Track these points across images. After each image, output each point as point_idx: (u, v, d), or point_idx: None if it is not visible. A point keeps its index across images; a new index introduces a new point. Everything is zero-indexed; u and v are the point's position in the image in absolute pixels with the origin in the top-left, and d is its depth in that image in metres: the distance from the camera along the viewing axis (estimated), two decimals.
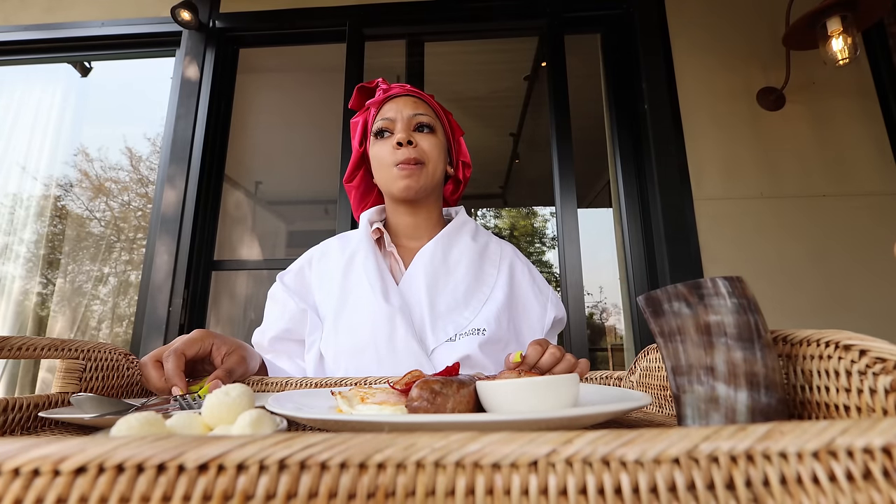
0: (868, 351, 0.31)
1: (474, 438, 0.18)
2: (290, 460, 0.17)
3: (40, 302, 2.71)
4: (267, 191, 3.69)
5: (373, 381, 0.70)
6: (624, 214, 2.07)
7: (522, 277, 1.01)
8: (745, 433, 0.18)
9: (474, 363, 0.84)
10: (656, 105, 1.97)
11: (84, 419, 0.47)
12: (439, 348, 0.86)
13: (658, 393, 0.58)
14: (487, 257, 1.01)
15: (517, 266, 1.02)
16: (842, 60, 1.69)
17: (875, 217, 1.87)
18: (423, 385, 0.42)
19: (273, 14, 2.34)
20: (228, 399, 0.38)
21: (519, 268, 1.02)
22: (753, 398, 0.33)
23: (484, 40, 2.58)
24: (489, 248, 1.03)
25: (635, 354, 1.98)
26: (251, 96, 2.83)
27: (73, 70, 2.67)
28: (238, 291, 2.99)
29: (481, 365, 0.85)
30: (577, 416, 0.36)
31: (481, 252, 1.00)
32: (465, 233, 1.02)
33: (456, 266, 0.96)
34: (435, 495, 0.17)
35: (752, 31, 2.11)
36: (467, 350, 0.84)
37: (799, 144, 1.96)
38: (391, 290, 0.90)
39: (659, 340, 0.40)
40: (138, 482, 0.17)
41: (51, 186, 2.79)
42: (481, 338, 0.86)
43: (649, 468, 0.17)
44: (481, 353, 0.85)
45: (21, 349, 0.53)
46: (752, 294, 0.36)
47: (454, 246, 0.99)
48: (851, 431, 0.18)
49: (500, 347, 0.89)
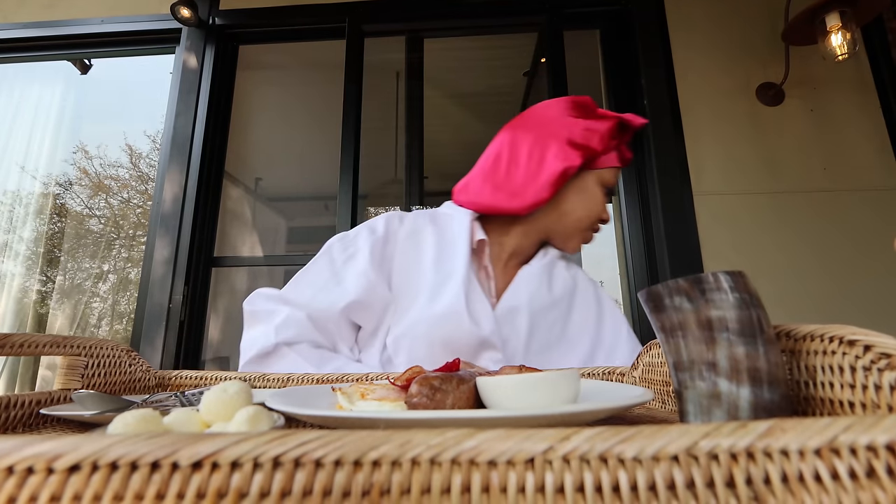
0: (873, 346, 0.30)
1: (470, 435, 0.18)
2: (285, 458, 0.17)
3: (40, 299, 2.72)
4: (267, 187, 3.69)
5: (374, 377, 0.69)
6: (624, 209, 2.07)
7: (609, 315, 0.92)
8: (746, 430, 0.18)
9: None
10: (656, 100, 1.97)
11: (84, 416, 0.47)
12: None
13: (661, 389, 0.58)
14: (579, 290, 0.92)
15: (603, 302, 0.94)
16: (841, 56, 1.69)
17: (875, 212, 1.86)
18: (423, 381, 0.42)
19: (272, 10, 2.33)
20: (226, 396, 0.38)
21: (607, 305, 0.93)
22: (756, 394, 0.33)
23: (483, 36, 2.57)
24: (578, 280, 0.94)
25: None
26: (251, 93, 2.83)
27: (73, 67, 2.66)
28: (238, 288, 2.99)
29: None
30: (577, 413, 0.36)
31: (573, 286, 0.92)
32: (560, 259, 0.95)
33: (560, 300, 0.87)
34: (430, 493, 0.17)
35: (752, 26, 2.10)
36: None
37: (798, 140, 1.96)
38: (482, 312, 0.79)
39: (660, 336, 0.39)
40: (132, 480, 0.17)
41: (50, 184, 2.79)
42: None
43: (648, 466, 0.17)
44: None
45: (23, 346, 0.53)
46: (755, 289, 0.36)
47: (557, 277, 0.90)
48: (855, 428, 0.18)
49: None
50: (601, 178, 0.89)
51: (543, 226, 0.90)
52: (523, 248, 0.91)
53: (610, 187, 0.90)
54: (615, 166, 0.90)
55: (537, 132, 0.87)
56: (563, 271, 0.92)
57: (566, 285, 0.90)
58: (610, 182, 0.90)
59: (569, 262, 0.96)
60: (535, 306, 0.83)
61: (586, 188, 0.89)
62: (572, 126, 0.86)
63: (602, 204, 0.90)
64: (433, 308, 0.78)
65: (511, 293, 0.85)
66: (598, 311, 0.91)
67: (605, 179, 0.89)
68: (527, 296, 0.84)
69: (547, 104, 0.92)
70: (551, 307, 0.85)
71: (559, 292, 0.88)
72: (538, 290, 0.86)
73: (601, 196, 0.90)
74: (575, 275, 0.94)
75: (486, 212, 0.89)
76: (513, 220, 0.90)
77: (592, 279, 0.97)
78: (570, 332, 0.87)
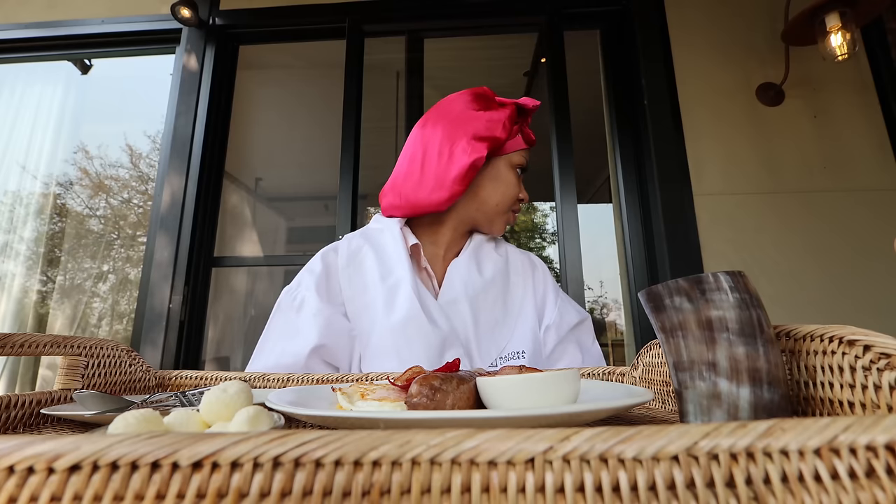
0: (873, 346, 0.30)
1: (470, 435, 0.18)
2: (285, 458, 0.17)
3: (40, 300, 2.72)
4: (267, 187, 3.69)
5: (374, 377, 0.69)
6: (624, 210, 2.07)
7: (546, 286, 0.98)
8: (746, 430, 0.18)
9: None
10: (656, 100, 1.97)
11: (85, 416, 0.47)
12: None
13: (661, 389, 0.58)
14: (511, 265, 0.98)
15: (538, 275, 0.99)
16: (841, 56, 1.69)
17: (875, 212, 1.86)
18: (423, 381, 0.42)
19: (273, 11, 2.33)
20: (226, 396, 0.38)
21: (540, 277, 0.99)
22: (756, 394, 0.33)
23: (483, 36, 2.57)
24: (510, 256, 1.00)
25: (636, 350, 1.98)
26: (251, 93, 2.83)
27: (74, 68, 2.66)
28: (238, 288, 2.99)
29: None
30: (577, 413, 0.36)
31: (505, 262, 0.97)
32: (488, 243, 1.00)
33: (492, 282, 0.92)
34: (430, 493, 0.17)
35: (752, 26, 2.10)
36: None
37: (798, 140, 1.96)
38: (435, 311, 0.84)
39: (660, 336, 0.39)
40: (132, 480, 0.17)
41: (51, 184, 2.79)
42: (523, 361, 0.84)
43: (648, 466, 0.17)
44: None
45: (24, 346, 0.53)
46: (755, 289, 0.36)
47: (485, 259, 0.96)
48: (854, 428, 0.18)
49: (539, 363, 0.86)
50: (511, 161, 0.95)
51: (467, 216, 0.96)
52: (456, 240, 0.97)
53: (522, 167, 0.96)
54: (522, 148, 0.96)
55: (444, 130, 0.92)
56: (492, 253, 0.98)
57: (497, 265, 0.95)
58: (520, 163, 0.96)
59: (498, 242, 1.02)
60: (470, 292, 0.88)
61: (499, 174, 0.94)
62: (476, 119, 0.91)
63: (516, 185, 0.96)
64: (392, 319, 0.82)
65: (446, 287, 0.90)
66: (532, 278, 0.97)
67: (514, 162, 0.95)
68: (461, 285, 0.89)
69: (450, 99, 0.97)
70: (487, 288, 0.90)
71: (490, 273, 0.93)
72: (469, 276, 0.90)
73: (514, 178, 0.95)
74: (506, 252, 1.00)
75: (410, 214, 0.94)
76: (439, 218, 0.96)
77: (524, 251, 1.04)
78: (512, 306, 0.91)
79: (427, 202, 0.90)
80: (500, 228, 0.98)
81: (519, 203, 0.98)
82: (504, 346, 0.86)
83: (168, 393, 0.57)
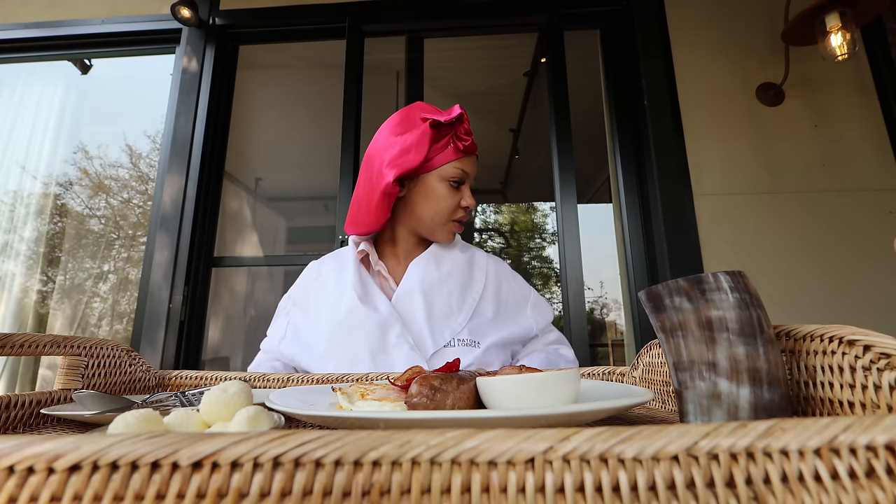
0: (873, 346, 0.30)
1: (470, 435, 0.18)
2: (285, 458, 0.17)
3: (40, 299, 2.72)
4: (267, 187, 3.70)
5: (374, 377, 0.69)
6: (624, 210, 2.07)
7: (508, 284, 1.04)
8: (746, 430, 0.18)
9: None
10: (656, 100, 1.97)
11: (85, 416, 0.47)
12: (437, 354, 0.89)
13: (661, 389, 0.58)
14: (475, 264, 1.04)
15: (503, 273, 1.06)
16: (840, 56, 1.69)
17: (874, 212, 1.86)
18: (423, 381, 0.42)
19: (273, 11, 2.33)
20: (226, 396, 0.38)
21: (505, 276, 1.05)
22: (756, 394, 0.33)
23: (483, 36, 2.57)
24: (475, 257, 1.06)
25: (636, 350, 1.98)
26: (251, 93, 2.83)
27: (74, 68, 2.66)
28: (238, 288, 2.99)
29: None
30: (577, 413, 0.35)
31: (469, 261, 1.04)
32: (453, 246, 1.06)
33: (449, 275, 0.98)
34: (430, 493, 0.17)
35: (752, 26, 2.10)
36: (464, 359, 0.88)
37: (798, 140, 1.96)
38: (378, 300, 0.93)
39: (660, 336, 0.39)
40: (132, 480, 0.17)
41: (51, 184, 2.79)
42: (476, 350, 0.89)
43: (648, 466, 0.17)
44: (477, 364, 0.89)
45: (24, 346, 0.53)
46: (755, 289, 0.36)
47: (445, 258, 1.02)
48: (854, 428, 0.18)
49: (493, 355, 0.92)
50: (441, 175, 0.97)
51: (411, 229, 1.02)
52: (413, 248, 1.04)
53: (457, 179, 0.97)
54: (453, 160, 0.97)
55: (370, 158, 1.00)
56: (456, 253, 1.03)
57: (457, 263, 1.01)
58: (454, 175, 0.97)
59: (465, 246, 1.08)
60: (426, 285, 0.95)
61: (428, 190, 0.97)
62: (391, 147, 0.96)
63: (448, 198, 0.97)
64: (337, 313, 0.93)
65: (404, 282, 0.97)
66: (496, 282, 1.02)
67: (447, 174, 0.96)
68: (417, 279, 0.96)
69: (382, 126, 1.02)
70: (443, 281, 0.96)
71: (448, 269, 0.99)
72: (426, 271, 0.97)
73: (446, 191, 0.97)
74: (472, 255, 1.06)
75: (364, 233, 1.04)
76: (391, 233, 1.05)
77: (493, 256, 1.10)
78: (469, 299, 0.97)
79: (365, 224, 1.00)
80: (445, 237, 1.02)
81: (464, 211, 1.01)
82: (458, 329, 0.92)
83: (168, 393, 0.57)
